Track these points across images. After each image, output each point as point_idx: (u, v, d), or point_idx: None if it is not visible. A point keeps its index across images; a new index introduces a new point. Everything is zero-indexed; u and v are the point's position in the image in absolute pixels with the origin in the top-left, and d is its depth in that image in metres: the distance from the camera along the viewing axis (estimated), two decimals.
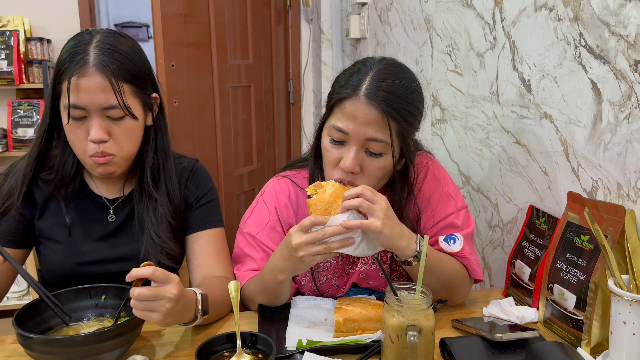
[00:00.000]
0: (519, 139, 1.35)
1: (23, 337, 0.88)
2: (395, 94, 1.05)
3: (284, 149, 3.34)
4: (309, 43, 3.30)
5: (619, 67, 1.00)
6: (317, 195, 1.01)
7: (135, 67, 1.09)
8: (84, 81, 1.03)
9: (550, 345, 0.83)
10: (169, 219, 1.18)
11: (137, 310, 0.91)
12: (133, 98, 1.09)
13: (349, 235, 0.98)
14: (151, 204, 1.18)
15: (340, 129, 1.06)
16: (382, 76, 1.06)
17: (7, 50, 2.85)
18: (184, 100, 2.35)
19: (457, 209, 1.19)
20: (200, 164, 1.32)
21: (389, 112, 1.03)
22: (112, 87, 1.04)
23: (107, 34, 1.09)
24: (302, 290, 1.25)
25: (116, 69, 1.05)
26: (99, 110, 1.05)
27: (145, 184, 1.18)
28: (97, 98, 1.04)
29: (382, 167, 1.08)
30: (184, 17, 2.30)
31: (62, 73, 1.05)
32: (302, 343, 1.00)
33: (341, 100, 1.07)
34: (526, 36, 1.29)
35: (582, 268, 1.00)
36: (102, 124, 1.06)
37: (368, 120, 1.04)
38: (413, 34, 2.03)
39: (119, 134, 1.09)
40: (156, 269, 0.90)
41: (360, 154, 1.07)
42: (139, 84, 1.11)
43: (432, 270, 1.07)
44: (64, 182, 1.17)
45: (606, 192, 1.06)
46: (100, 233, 1.19)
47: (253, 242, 1.20)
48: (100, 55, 1.04)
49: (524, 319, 1.10)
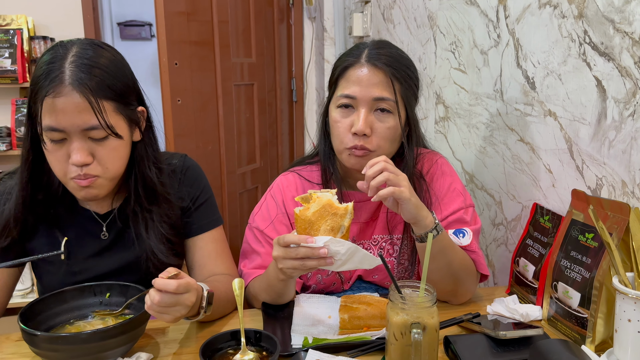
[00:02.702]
0: (523, 136, 1.34)
1: (28, 334, 0.89)
2: (394, 57, 1.15)
3: (287, 147, 3.34)
4: (312, 41, 3.30)
5: (624, 64, 1.00)
6: (302, 210, 0.96)
7: (117, 81, 1.00)
8: (61, 101, 0.94)
9: (554, 342, 0.83)
10: (166, 233, 1.14)
11: (151, 310, 0.92)
12: (116, 115, 1.00)
13: (327, 256, 0.94)
14: (147, 220, 1.12)
15: (348, 95, 1.13)
16: (379, 45, 1.17)
17: (10, 49, 2.85)
18: (187, 98, 2.35)
19: (466, 205, 1.20)
20: (190, 160, 1.25)
21: (392, 72, 1.12)
22: (91, 107, 0.95)
23: (85, 46, 1.00)
24: (308, 283, 1.25)
25: (95, 86, 0.96)
26: (79, 131, 0.97)
27: (140, 202, 1.12)
28: (75, 119, 0.95)
29: (391, 128, 1.13)
30: (187, 15, 2.30)
31: (36, 92, 0.96)
32: (308, 340, 1.00)
33: (345, 70, 1.15)
34: (530, 33, 1.29)
35: (587, 266, 1.00)
36: (83, 145, 0.98)
37: (373, 81, 1.12)
38: (416, 32, 2.02)
39: (103, 155, 1.00)
40: (179, 285, 0.90)
41: (370, 116, 1.12)
42: (122, 100, 1.01)
43: (444, 251, 1.07)
44: (53, 202, 1.11)
45: (611, 190, 1.06)
46: (94, 249, 1.15)
47: (260, 237, 1.21)
48: (77, 71, 0.95)
49: (528, 317, 1.10)
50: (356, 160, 1.14)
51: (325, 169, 1.23)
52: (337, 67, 1.18)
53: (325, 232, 0.95)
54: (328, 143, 1.22)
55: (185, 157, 1.24)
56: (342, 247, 0.93)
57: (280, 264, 0.97)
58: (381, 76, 1.12)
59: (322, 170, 1.24)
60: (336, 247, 0.93)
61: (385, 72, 1.12)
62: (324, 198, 0.96)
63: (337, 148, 1.17)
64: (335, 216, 0.95)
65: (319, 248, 0.92)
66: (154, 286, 0.90)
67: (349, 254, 0.94)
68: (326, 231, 0.95)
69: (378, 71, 1.12)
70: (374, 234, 1.25)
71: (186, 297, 0.92)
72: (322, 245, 0.92)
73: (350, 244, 0.94)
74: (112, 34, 5.04)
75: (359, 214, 1.24)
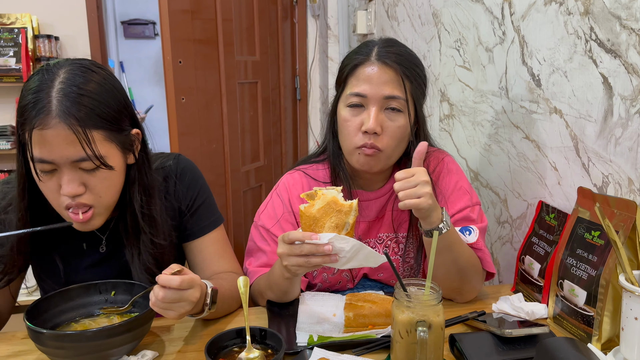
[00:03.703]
0: (529, 134, 1.34)
1: (34, 332, 0.89)
2: (404, 56, 1.14)
3: (291, 146, 3.33)
4: (316, 39, 3.30)
5: (631, 61, 0.99)
6: (307, 207, 0.96)
7: (107, 109, 0.95)
8: (49, 133, 0.90)
9: (561, 340, 0.82)
10: (149, 263, 1.09)
11: (155, 307, 0.92)
12: (108, 144, 0.96)
13: (332, 253, 0.94)
14: (132, 246, 1.09)
15: (358, 93, 1.12)
16: (388, 44, 1.16)
17: (15, 47, 2.86)
18: (191, 97, 2.35)
19: (472, 203, 1.20)
20: (184, 160, 1.21)
21: (402, 70, 1.12)
22: (78, 139, 0.91)
23: (73, 70, 0.95)
24: (313, 281, 1.25)
25: (84, 116, 0.91)
26: (69, 163, 0.93)
27: (125, 227, 1.09)
28: (64, 151, 0.92)
29: (401, 127, 1.13)
30: (191, 13, 2.30)
31: (23, 123, 0.92)
32: (313, 339, 1.00)
33: (355, 68, 1.14)
34: (536, 30, 1.28)
35: (593, 264, 0.99)
36: (74, 177, 0.94)
37: (384, 79, 1.11)
38: (421, 29, 2.02)
39: (95, 185, 0.97)
40: (183, 281, 0.90)
41: (381, 114, 1.12)
42: (114, 127, 0.97)
43: (451, 247, 1.07)
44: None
45: (617, 188, 1.05)
46: (93, 260, 1.15)
47: (266, 235, 1.21)
48: (64, 100, 0.91)
49: (533, 315, 1.09)
50: (365, 159, 1.13)
51: (334, 168, 1.23)
52: (345, 65, 1.17)
53: (330, 229, 0.94)
54: (336, 142, 1.22)
55: (178, 157, 1.21)
56: (347, 244, 0.93)
57: (285, 261, 0.97)
58: (392, 74, 1.11)
59: (332, 170, 1.23)
60: (341, 244, 0.93)
61: (396, 70, 1.11)
62: (328, 195, 0.96)
63: (346, 147, 1.16)
64: (339, 213, 0.94)
65: (323, 245, 0.92)
66: (158, 282, 0.91)
67: (354, 251, 0.94)
68: (330, 228, 0.94)
69: (388, 69, 1.11)
70: (380, 232, 1.25)
71: (190, 293, 0.92)
72: (327, 242, 0.92)
73: (355, 241, 0.94)
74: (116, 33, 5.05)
75: (365, 212, 1.24)
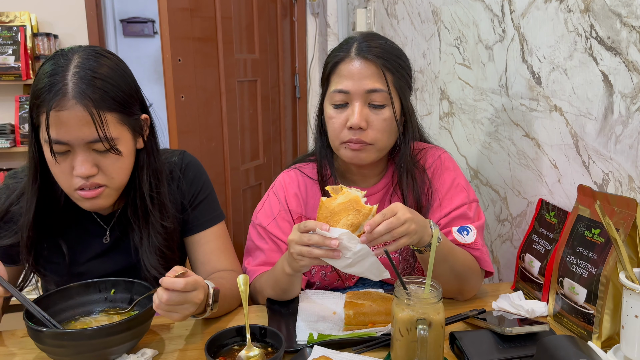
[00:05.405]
0: (529, 132, 1.34)
1: (34, 330, 0.89)
2: (384, 48, 1.14)
3: (290, 144, 3.33)
4: (315, 37, 3.29)
5: (631, 59, 0.99)
6: (328, 199, 0.97)
7: (120, 92, 0.99)
8: (65, 115, 0.94)
9: (561, 338, 0.82)
10: (160, 244, 1.12)
11: (159, 310, 0.92)
12: (120, 126, 1.00)
13: (336, 250, 0.94)
14: (141, 229, 1.12)
15: (341, 90, 1.12)
16: (368, 38, 1.16)
17: (14, 45, 2.85)
18: (191, 95, 2.35)
19: (469, 200, 1.19)
20: (188, 156, 1.24)
21: (382, 63, 1.12)
22: (93, 121, 0.95)
23: (87, 55, 0.98)
24: (312, 279, 1.25)
25: (98, 98, 0.95)
26: (83, 144, 0.97)
27: (135, 211, 1.11)
28: (80, 132, 0.95)
29: (386, 120, 1.13)
30: (190, 11, 2.29)
31: (39, 105, 0.96)
32: (313, 337, 1.00)
33: (336, 65, 1.14)
34: (536, 28, 1.28)
35: (593, 261, 0.99)
36: (87, 157, 0.98)
37: (365, 74, 1.11)
38: (420, 27, 2.02)
39: (107, 166, 1.01)
40: (187, 283, 0.90)
41: (365, 109, 1.12)
42: (126, 110, 1.01)
43: (446, 258, 1.07)
44: (57, 210, 1.11)
45: (617, 185, 1.05)
46: (96, 250, 1.16)
47: (263, 234, 1.21)
48: (80, 83, 0.94)
49: (533, 313, 1.09)
50: (353, 153, 1.14)
51: (320, 166, 1.23)
52: (328, 63, 1.18)
53: (345, 225, 0.94)
54: (325, 140, 1.22)
55: (184, 153, 1.23)
56: (355, 245, 0.93)
57: (292, 248, 0.98)
58: (372, 68, 1.11)
59: (318, 168, 1.23)
60: (349, 243, 0.93)
61: (376, 63, 1.11)
62: (352, 193, 0.97)
63: (333, 144, 1.17)
64: (358, 213, 0.94)
65: (331, 238, 0.92)
66: (162, 285, 0.90)
67: (360, 256, 0.94)
68: (346, 225, 0.94)
69: (369, 63, 1.11)
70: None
71: (194, 295, 0.92)
72: (336, 237, 0.92)
73: (364, 245, 0.93)
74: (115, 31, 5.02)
75: None
